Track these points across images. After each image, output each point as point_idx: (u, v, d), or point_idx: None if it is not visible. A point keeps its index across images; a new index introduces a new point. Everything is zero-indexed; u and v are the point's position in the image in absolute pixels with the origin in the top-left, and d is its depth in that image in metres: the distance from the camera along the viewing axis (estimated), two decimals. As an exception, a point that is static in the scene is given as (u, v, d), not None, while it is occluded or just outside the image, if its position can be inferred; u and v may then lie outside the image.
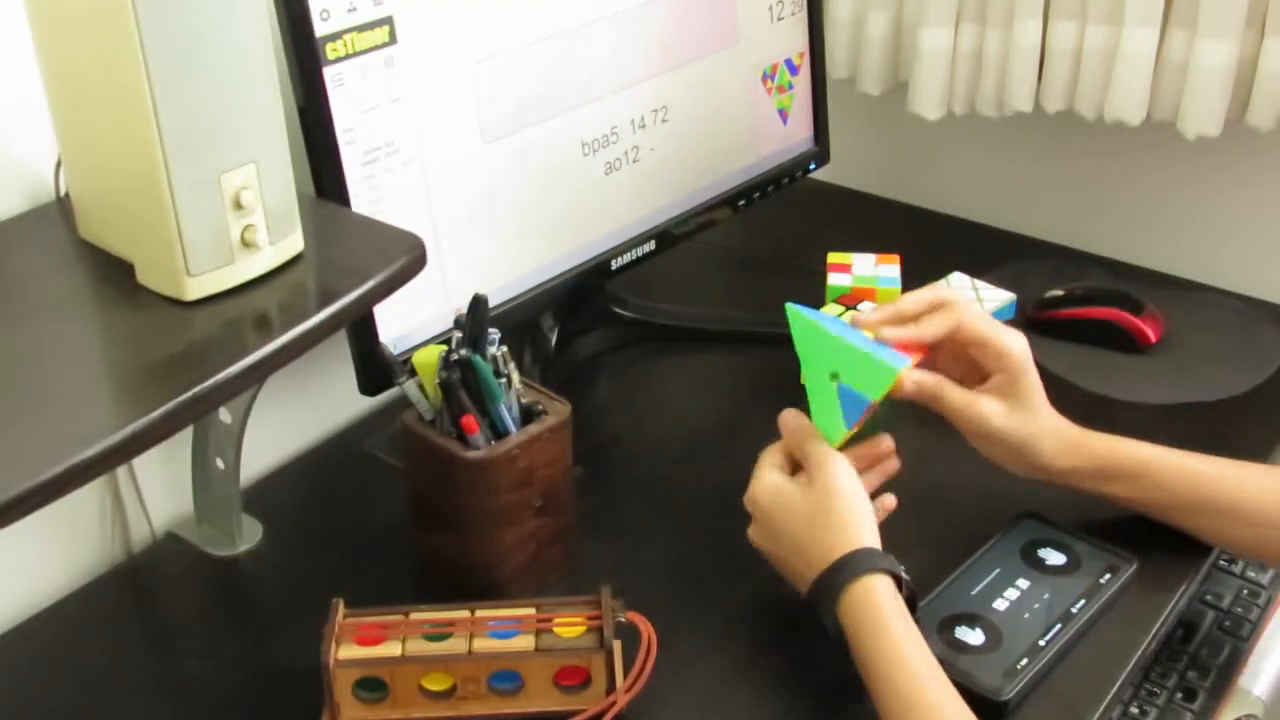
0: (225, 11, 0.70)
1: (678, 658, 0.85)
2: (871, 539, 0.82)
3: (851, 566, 0.80)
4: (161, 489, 1.00)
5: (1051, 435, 0.91)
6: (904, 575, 0.81)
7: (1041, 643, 0.85)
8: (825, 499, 0.84)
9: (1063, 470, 0.92)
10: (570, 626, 0.83)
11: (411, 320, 0.96)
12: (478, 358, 0.86)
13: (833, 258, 1.18)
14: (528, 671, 0.82)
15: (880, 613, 0.78)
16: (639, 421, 1.13)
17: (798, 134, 1.27)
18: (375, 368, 0.93)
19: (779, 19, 1.21)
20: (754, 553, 0.89)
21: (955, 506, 0.99)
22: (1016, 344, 0.90)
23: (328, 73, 0.87)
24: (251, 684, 0.87)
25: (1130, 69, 1.20)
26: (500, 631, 0.82)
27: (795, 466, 0.89)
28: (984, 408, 0.90)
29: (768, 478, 0.88)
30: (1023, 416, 0.90)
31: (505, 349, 0.89)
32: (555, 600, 0.85)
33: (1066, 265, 1.31)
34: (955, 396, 0.90)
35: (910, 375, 0.88)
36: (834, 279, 1.16)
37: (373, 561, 0.97)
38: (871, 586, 0.79)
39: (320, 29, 0.86)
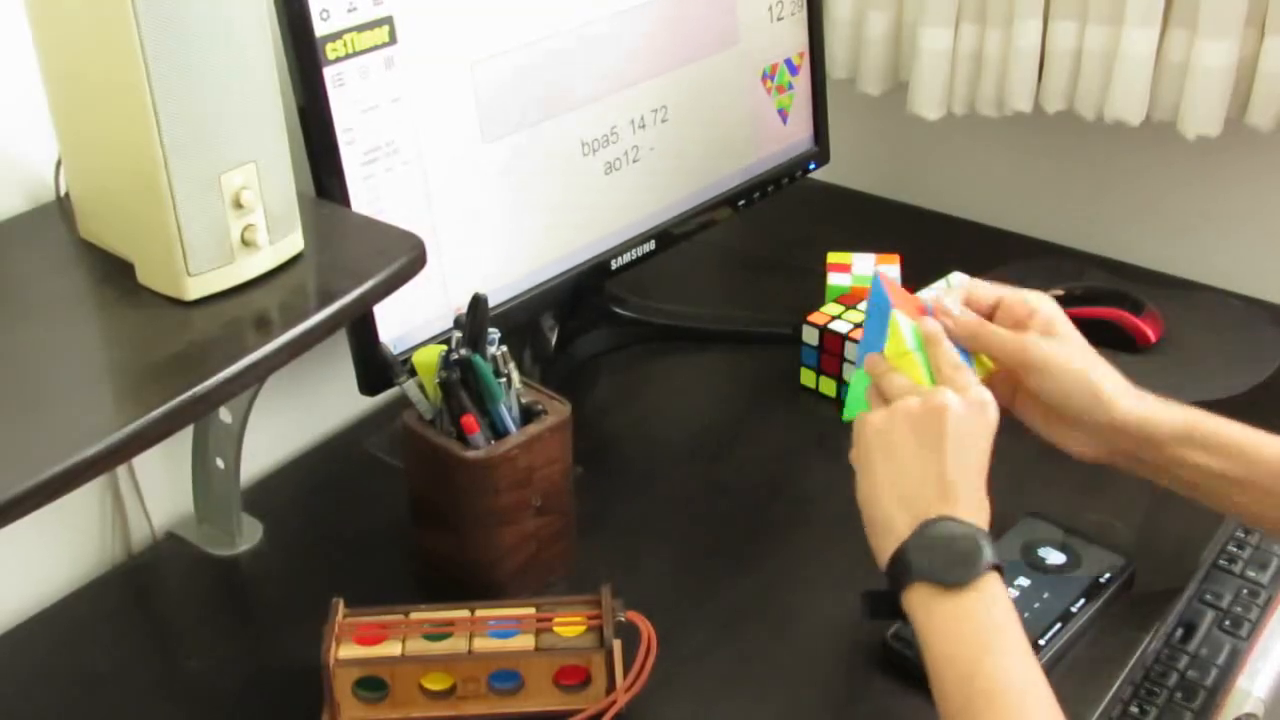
0: (225, 12, 0.70)
1: (678, 657, 0.85)
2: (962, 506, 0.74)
3: (903, 566, 0.73)
4: (161, 489, 1.00)
5: (1112, 375, 0.83)
6: (946, 579, 0.72)
7: (1041, 643, 0.85)
8: (930, 425, 0.75)
9: (1130, 418, 0.82)
10: (570, 626, 0.83)
11: (411, 320, 0.96)
12: (478, 358, 0.86)
13: (833, 258, 1.18)
14: (528, 671, 0.82)
15: (921, 630, 0.72)
16: (639, 421, 1.13)
17: (797, 134, 1.27)
18: (375, 368, 0.93)
19: (779, 19, 1.21)
20: (754, 552, 0.89)
21: (955, 506, 0.99)
22: (1040, 298, 0.85)
23: (328, 73, 0.87)
24: (251, 684, 0.87)
25: (1130, 69, 1.20)
26: (500, 631, 0.82)
27: None
28: (1030, 337, 0.83)
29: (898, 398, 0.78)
30: (1074, 350, 0.83)
31: (505, 349, 0.89)
32: (555, 600, 0.85)
33: (1066, 265, 1.31)
34: (999, 330, 0.83)
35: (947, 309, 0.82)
36: (834, 279, 1.16)
37: (373, 561, 0.97)
38: (913, 601, 0.72)
39: (320, 29, 0.86)
